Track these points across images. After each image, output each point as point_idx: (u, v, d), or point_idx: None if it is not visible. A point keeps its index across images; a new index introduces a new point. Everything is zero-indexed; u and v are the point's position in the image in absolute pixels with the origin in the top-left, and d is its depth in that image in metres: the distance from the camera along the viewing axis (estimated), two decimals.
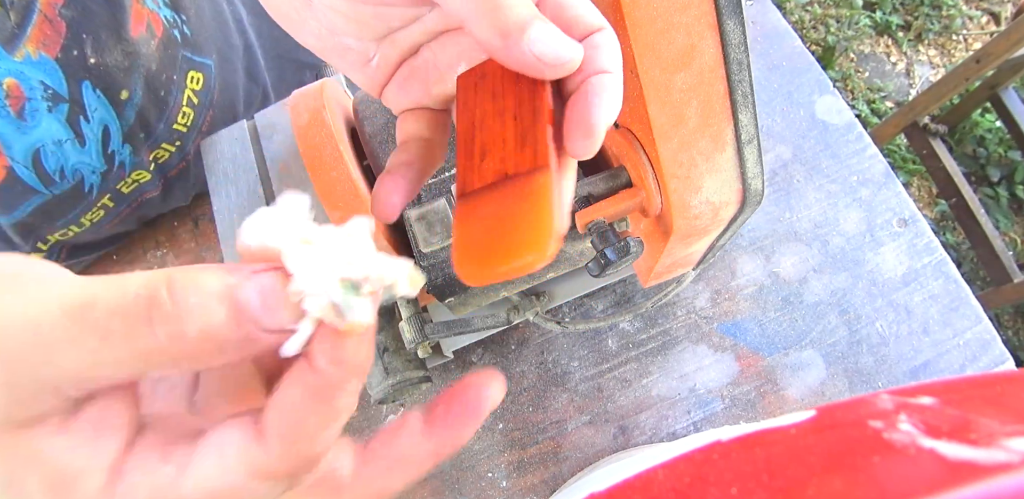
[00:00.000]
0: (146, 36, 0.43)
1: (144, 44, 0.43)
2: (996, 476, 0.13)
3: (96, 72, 0.41)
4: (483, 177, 0.18)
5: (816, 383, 0.47)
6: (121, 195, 0.50)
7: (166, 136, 0.49)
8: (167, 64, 0.45)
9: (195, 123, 0.51)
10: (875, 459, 0.14)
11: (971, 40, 1.65)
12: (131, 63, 0.42)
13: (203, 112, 0.51)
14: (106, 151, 0.45)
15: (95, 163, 0.45)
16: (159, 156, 0.50)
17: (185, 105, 0.49)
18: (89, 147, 0.43)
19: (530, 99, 0.19)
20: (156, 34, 0.44)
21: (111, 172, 0.47)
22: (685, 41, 0.23)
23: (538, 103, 0.18)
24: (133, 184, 0.50)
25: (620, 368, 0.49)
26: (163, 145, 0.49)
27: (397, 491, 0.18)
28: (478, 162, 0.19)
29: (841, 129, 0.53)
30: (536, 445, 0.48)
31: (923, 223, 0.50)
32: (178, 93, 0.47)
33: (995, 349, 0.47)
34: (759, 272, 0.50)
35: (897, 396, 0.18)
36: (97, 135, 0.43)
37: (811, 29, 1.66)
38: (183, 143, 0.51)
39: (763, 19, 0.57)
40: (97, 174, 0.46)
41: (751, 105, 0.26)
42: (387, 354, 0.39)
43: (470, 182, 0.19)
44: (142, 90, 0.44)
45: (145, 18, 0.43)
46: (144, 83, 0.44)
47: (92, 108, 0.42)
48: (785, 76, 0.55)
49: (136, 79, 0.43)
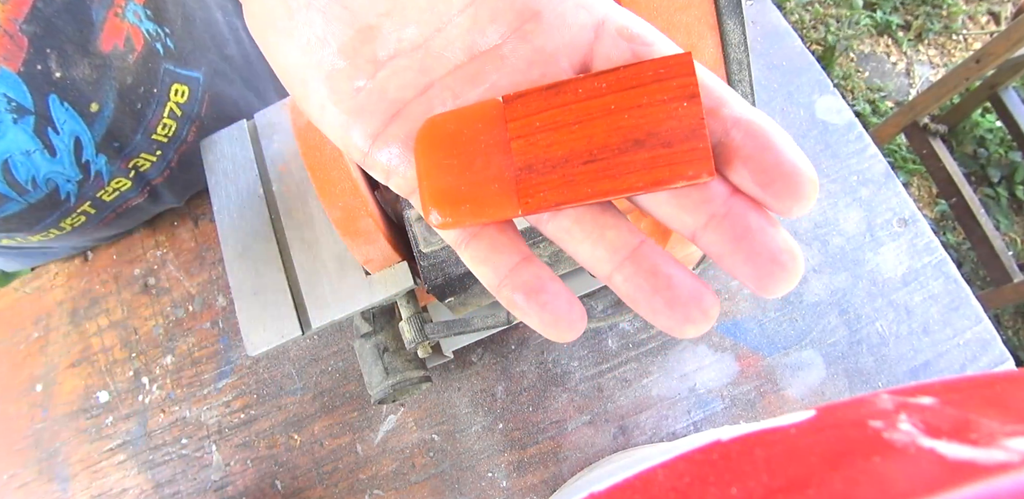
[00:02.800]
0: (122, 50, 0.43)
1: (118, 58, 0.42)
2: (996, 476, 0.13)
3: (62, 85, 0.40)
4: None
5: (816, 383, 0.47)
6: (103, 203, 0.50)
7: (145, 146, 0.48)
8: (146, 77, 0.45)
9: (177, 134, 0.50)
10: (875, 459, 0.14)
11: (971, 40, 1.65)
12: (100, 76, 0.42)
13: (187, 124, 0.51)
14: (80, 161, 0.45)
15: (69, 173, 0.45)
16: (139, 165, 0.50)
17: (167, 117, 0.48)
18: (61, 157, 0.44)
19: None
20: (135, 47, 0.43)
21: (88, 181, 0.47)
22: (685, 41, 0.23)
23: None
24: (114, 193, 0.50)
25: (620, 368, 0.49)
26: (142, 155, 0.49)
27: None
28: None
29: (841, 129, 0.53)
30: (536, 445, 0.48)
31: (923, 223, 0.50)
32: (158, 106, 0.47)
33: (995, 349, 0.47)
34: None
35: (897, 396, 0.18)
36: (69, 146, 0.43)
37: (811, 29, 1.66)
38: (164, 152, 0.51)
39: (763, 19, 0.57)
40: (73, 183, 0.46)
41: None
42: (387, 354, 0.39)
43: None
44: (114, 103, 0.44)
45: (124, 32, 0.42)
46: (117, 96, 0.44)
47: (61, 120, 0.42)
48: (785, 76, 0.55)
49: (107, 92, 0.43)
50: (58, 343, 0.57)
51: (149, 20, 0.45)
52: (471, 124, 0.18)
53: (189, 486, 0.51)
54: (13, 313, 0.60)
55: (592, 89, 0.17)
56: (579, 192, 0.17)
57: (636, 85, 0.16)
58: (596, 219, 0.18)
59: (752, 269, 0.16)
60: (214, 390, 0.53)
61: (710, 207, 0.17)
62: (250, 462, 0.51)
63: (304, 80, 0.20)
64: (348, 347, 0.52)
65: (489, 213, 0.18)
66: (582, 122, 0.17)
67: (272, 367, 0.53)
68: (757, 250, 0.16)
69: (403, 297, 0.37)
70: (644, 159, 0.16)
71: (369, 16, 0.19)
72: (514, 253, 0.19)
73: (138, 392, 0.54)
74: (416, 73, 0.19)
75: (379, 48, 0.19)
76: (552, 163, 0.17)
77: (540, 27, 0.18)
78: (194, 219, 0.59)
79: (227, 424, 0.52)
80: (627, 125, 0.16)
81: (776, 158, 0.16)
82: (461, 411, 0.49)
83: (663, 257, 0.18)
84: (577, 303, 0.18)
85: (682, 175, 0.16)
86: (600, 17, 0.18)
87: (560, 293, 0.18)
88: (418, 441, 0.49)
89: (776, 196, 0.16)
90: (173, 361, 0.55)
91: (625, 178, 0.16)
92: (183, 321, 0.56)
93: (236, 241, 0.39)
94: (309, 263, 0.37)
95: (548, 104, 0.17)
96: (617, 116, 0.17)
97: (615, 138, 0.16)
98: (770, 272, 0.16)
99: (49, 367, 0.57)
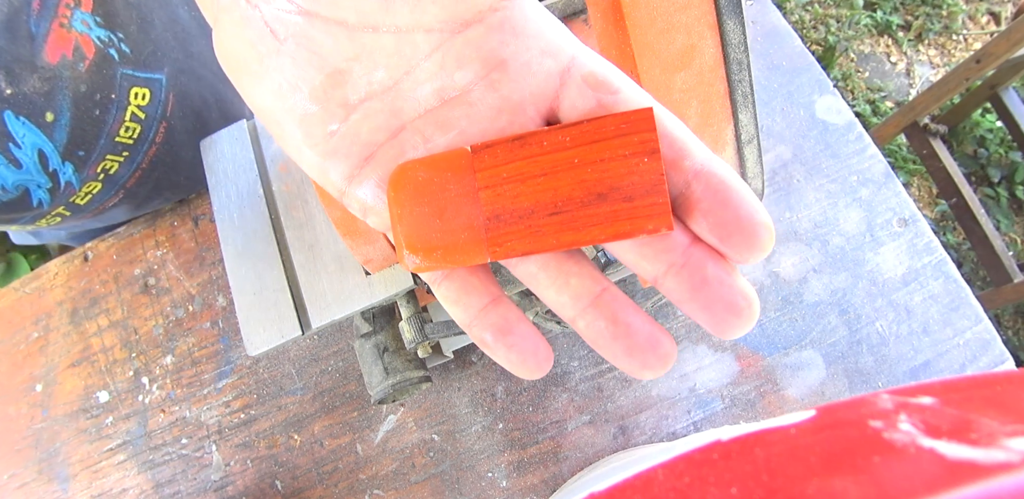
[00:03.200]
0: (71, 60, 0.42)
1: (68, 68, 0.42)
2: (996, 476, 0.13)
3: (15, 101, 0.40)
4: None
5: (816, 383, 0.47)
6: (77, 206, 0.50)
7: (110, 148, 0.48)
8: (101, 84, 0.45)
9: (144, 136, 0.50)
10: (875, 459, 0.14)
11: (971, 40, 1.65)
12: (52, 88, 0.42)
13: (153, 124, 0.50)
14: (47, 170, 0.45)
15: (39, 180, 0.45)
16: (108, 167, 0.50)
17: (128, 121, 0.48)
18: (28, 168, 0.44)
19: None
20: (86, 56, 0.43)
21: (58, 189, 0.47)
22: (685, 41, 0.23)
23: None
24: (87, 196, 0.50)
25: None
26: (108, 157, 0.49)
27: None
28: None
29: (841, 129, 0.53)
30: (536, 445, 0.48)
31: (923, 223, 0.50)
32: (118, 110, 0.47)
33: (995, 349, 0.47)
34: (759, 272, 0.50)
35: (897, 396, 0.18)
36: (33, 158, 0.43)
37: (811, 29, 1.66)
38: (132, 154, 0.50)
39: (763, 19, 0.57)
40: (44, 190, 0.46)
41: (751, 105, 0.26)
42: (387, 354, 0.39)
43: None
44: (71, 111, 0.43)
45: (72, 41, 0.42)
46: (72, 105, 0.43)
47: (20, 134, 0.42)
48: (785, 76, 0.55)
49: (61, 101, 0.43)
50: (58, 343, 0.57)
51: (100, 27, 0.44)
52: (441, 172, 0.19)
53: (189, 486, 0.51)
54: (13, 313, 0.60)
55: (557, 142, 0.18)
56: (544, 242, 0.18)
57: (599, 139, 0.17)
58: (561, 266, 0.19)
59: (709, 316, 0.17)
60: (214, 390, 0.53)
61: (670, 256, 0.18)
62: (250, 462, 0.51)
63: (279, 122, 0.20)
64: (348, 347, 0.52)
65: (460, 260, 0.19)
66: (547, 174, 0.18)
67: (272, 367, 0.53)
68: (714, 299, 0.17)
69: (403, 297, 0.37)
70: (606, 212, 0.17)
71: (338, 61, 0.19)
72: (484, 294, 0.20)
73: (138, 392, 0.54)
74: (387, 115, 0.19)
75: (350, 92, 0.19)
76: (519, 214, 0.18)
77: (506, 76, 0.19)
78: (194, 219, 0.59)
79: (227, 424, 0.52)
80: (590, 179, 0.17)
81: (734, 212, 0.17)
82: (461, 411, 0.49)
83: (623, 304, 0.19)
84: (544, 344, 0.19)
85: (642, 228, 0.17)
86: (566, 63, 0.19)
87: (527, 335, 0.19)
88: (418, 441, 0.49)
89: (734, 247, 0.17)
90: (173, 361, 0.55)
91: (588, 230, 0.17)
92: (183, 321, 0.56)
93: (236, 241, 0.39)
94: (309, 263, 0.37)
95: (514, 156, 0.18)
96: (581, 170, 0.17)
97: (579, 191, 0.17)
98: (724, 319, 0.17)
99: (49, 367, 0.57)
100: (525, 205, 0.18)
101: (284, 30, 0.19)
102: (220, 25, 0.20)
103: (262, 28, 0.19)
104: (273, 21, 0.19)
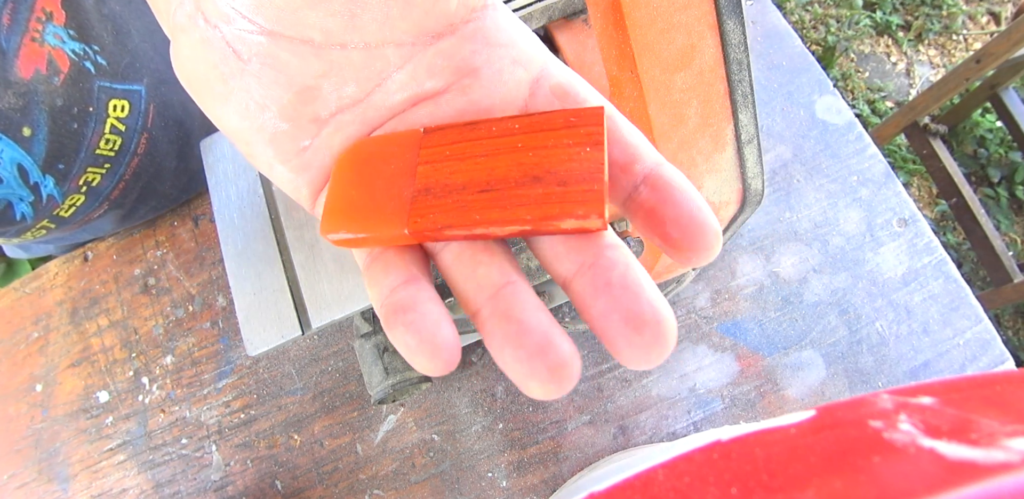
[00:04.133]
0: (45, 74, 0.42)
1: (42, 82, 0.42)
2: (996, 476, 0.13)
3: None
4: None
5: (816, 383, 0.47)
6: (61, 219, 0.50)
7: (91, 161, 0.48)
8: (78, 98, 0.44)
9: (125, 147, 0.50)
10: (875, 459, 0.14)
11: (971, 40, 1.65)
12: (27, 103, 0.41)
13: (134, 136, 0.50)
14: (28, 183, 0.45)
15: (20, 193, 0.45)
16: (90, 179, 0.49)
17: (108, 133, 0.47)
18: (8, 182, 0.43)
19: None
20: (61, 69, 0.42)
21: (41, 202, 0.46)
22: (685, 41, 0.23)
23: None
24: (71, 208, 0.50)
25: (620, 368, 0.49)
26: (89, 169, 0.48)
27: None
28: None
29: (841, 129, 0.53)
30: (536, 445, 0.48)
31: (923, 223, 0.50)
32: (97, 123, 0.46)
33: (995, 349, 0.47)
34: (759, 272, 0.50)
35: (897, 396, 0.18)
36: (13, 172, 0.43)
37: (811, 29, 1.66)
38: (114, 166, 0.50)
39: (763, 19, 0.57)
40: (26, 203, 0.46)
41: (751, 105, 0.26)
42: (387, 354, 0.39)
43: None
44: (48, 126, 0.43)
45: (45, 55, 0.41)
46: (49, 119, 0.43)
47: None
48: (785, 76, 0.55)
49: (38, 116, 0.42)
50: (58, 343, 0.57)
51: (74, 40, 0.43)
52: (389, 148, 0.19)
53: (189, 486, 0.51)
54: (13, 313, 0.60)
55: (506, 128, 0.18)
56: (467, 218, 0.17)
57: (547, 129, 0.17)
58: (474, 256, 0.18)
59: (605, 326, 0.15)
60: (214, 390, 0.53)
61: (583, 256, 0.16)
62: (250, 462, 0.51)
63: (248, 142, 0.19)
64: (348, 347, 0.53)
65: (376, 228, 0.18)
66: (488, 156, 0.17)
67: (272, 367, 0.53)
68: (613, 305, 0.15)
69: None
70: (538, 194, 0.16)
71: (306, 78, 0.18)
72: (401, 274, 0.18)
73: (138, 392, 0.54)
74: (359, 126, 0.19)
75: (320, 107, 0.19)
76: (450, 188, 0.17)
77: (478, 82, 0.19)
78: (194, 219, 0.59)
79: (227, 424, 0.52)
80: (529, 162, 0.17)
81: (675, 209, 0.16)
82: (461, 411, 0.49)
83: (523, 300, 0.16)
84: (450, 329, 0.16)
85: (571, 213, 0.16)
86: (536, 73, 0.19)
87: (430, 314, 0.16)
88: (418, 441, 0.49)
89: (675, 245, 0.16)
90: (173, 361, 0.55)
91: (515, 210, 0.17)
92: (183, 321, 0.56)
93: (236, 241, 0.39)
94: (309, 263, 0.37)
95: (462, 137, 0.18)
96: (522, 153, 0.17)
97: (515, 172, 0.17)
98: (623, 334, 0.15)
99: (49, 367, 0.57)
100: (458, 181, 0.17)
101: (247, 50, 0.18)
102: (178, 45, 0.19)
103: (224, 49, 0.18)
104: (235, 41, 0.18)
